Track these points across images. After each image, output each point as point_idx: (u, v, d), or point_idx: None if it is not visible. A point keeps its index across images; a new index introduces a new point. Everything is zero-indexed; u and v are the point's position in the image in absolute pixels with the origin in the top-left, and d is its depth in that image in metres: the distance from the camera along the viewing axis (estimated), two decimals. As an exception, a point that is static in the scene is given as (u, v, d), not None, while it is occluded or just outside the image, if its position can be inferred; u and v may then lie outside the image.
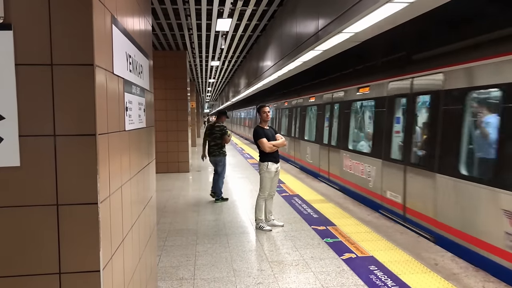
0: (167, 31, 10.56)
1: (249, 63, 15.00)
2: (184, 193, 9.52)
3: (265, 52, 11.29)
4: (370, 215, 7.21)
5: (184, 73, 13.08)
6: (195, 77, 22.80)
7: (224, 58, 15.70)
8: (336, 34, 5.32)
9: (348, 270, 4.64)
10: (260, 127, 6.40)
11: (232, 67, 18.65)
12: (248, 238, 5.92)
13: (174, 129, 12.86)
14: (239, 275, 4.55)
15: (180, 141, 12.94)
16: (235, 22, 9.72)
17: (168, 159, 12.82)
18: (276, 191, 8.93)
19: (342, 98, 10.11)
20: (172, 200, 8.60)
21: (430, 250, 5.38)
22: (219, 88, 33.46)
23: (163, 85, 12.77)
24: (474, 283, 4.34)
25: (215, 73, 21.01)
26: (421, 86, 6.59)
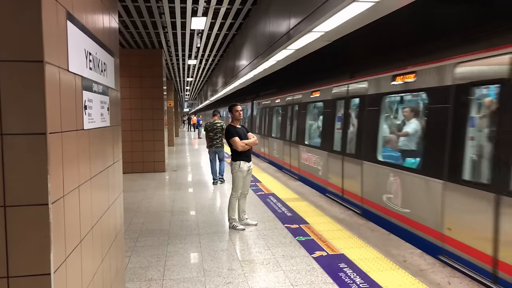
0: (142, 29, 10.42)
1: (226, 62, 14.96)
2: (159, 193, 9.42)
3: (241, 51, 11.27)
4: (343, 213, 7.27)
5: (160, 72, 12.95)
6: (173, 75, 22.61)
7: (201, 57, 15.60)
8: (306, 33, 5.34)
9: (318, 268, 4.66)
10: (232, 126, 6.38)
11: (209, 66, 18.56)
12: (220, 238, 5.89)
13: (149, 128, 12.72)
14: (209, 275, 4.52)
15: (156, 141, 12.81)
16: (210, 21, 9.66)
17: (143, 158, 12.68)
18: (251, 190, 9.00)
19: (300, 100, 11.68)
20: (145, 200, 8.50)
21: (400, 248, 5.46)
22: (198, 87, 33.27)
23: (138, 84, 12.63)
24: (440, 278, 4.42)
25: (193, 72, 20.87)
26: (354, 91, 8.04)
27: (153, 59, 12.92)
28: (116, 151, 3.77)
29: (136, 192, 9.42)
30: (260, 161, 15.68)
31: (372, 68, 7.32)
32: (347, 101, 8.32)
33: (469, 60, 4.82)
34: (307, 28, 5.13)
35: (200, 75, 22.66)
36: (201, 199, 8.59)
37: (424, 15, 7.05)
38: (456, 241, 4.85)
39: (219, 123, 10.02)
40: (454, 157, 4.99)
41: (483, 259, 4.41)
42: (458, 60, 4.98)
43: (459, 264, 4.74)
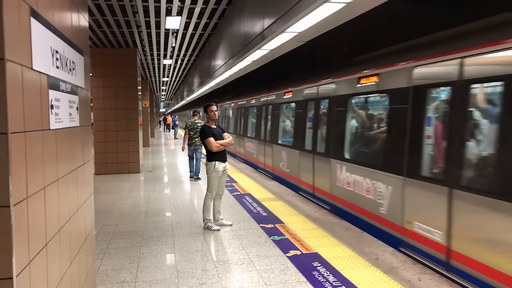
0: (115, 28, 10.26)
1: (202, 62, 14.89)
2: (133, 194, 9.29)
3: (216, 51, 11.23)
4: (317, 212, 7.33)
5: (134, 71, 12.78)
6: (148, 75, 22.35)
7: (176, 57, 15.47)
8: (280, 33, 5.36)
9: (292, 267, 4.69)
10: (207, 126, 6.35)
11: (185, 66, 18.42)
12: (195, 239, 5.85)
13: (124, 128, 12.54)
14: (182, 276, 4.48)
15: (131, 141, 12.63)
16: (185, 20, 9.59)
17: (118, 159, 12.49)
18: (227, 190, 8.97)
19: (274, 101, 11.95)
20: (119, 202, 8.37)
21: (372, 246, 5.54)
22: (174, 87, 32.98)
23: (112, 84, 12.44)
24: (411, 275, 4.51)
25: (169, 72, 20.68)
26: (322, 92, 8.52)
27: (127, 58, 12.74)
28: (86, 151, 3.69)
29: (109, 193, 9.27)
30: (237, 162, 15.66)
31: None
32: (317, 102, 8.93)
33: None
34: (281, 29, 5.16)
35: (176, 75, 22.48)
36: (176, 200, 8.52)
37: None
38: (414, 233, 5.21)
39: (199, 122, 10.57)
40: (302, 138, 7.45)
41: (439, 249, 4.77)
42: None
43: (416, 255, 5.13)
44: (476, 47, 4.44)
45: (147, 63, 17.46)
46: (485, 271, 4.06)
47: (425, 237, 4.99)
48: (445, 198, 4.66)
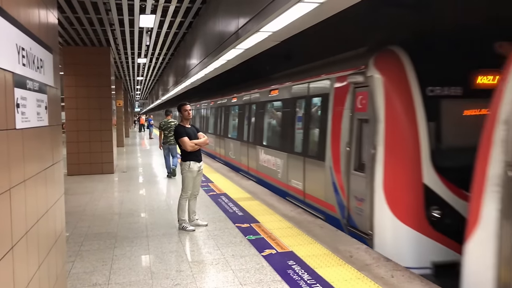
0: (87, 26, 10.05)
1: (177, 61, 14.76)
2: (106, 195, 9.13)
3: (191, 50, 11.15)
4: (293, 211, 7.36)
5: (108, 70, 12.57)
6: (122, 74, 22.01)
7: (151, 56, 15.28)
8: (254, 32, 5.36)
9: (267, 266, 4.70)
10: (181, 125, 6.29)
11: (160, 65, 18.21)
12: (170, 239, 5.79)
13: (97, 128, 12.31)
14: (156, 277, 4.43)
15: (104, 141, 12.41)
16: (159, 19, 9.47)
17: (90, 160, 12.25)
18: (203, 190, 8.92)
19: (225, 104, 14.14)
20: (92, 203, 8.21)
21: (346, 243, 5.60)
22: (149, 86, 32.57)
23: (84, 83, 12.20)
24: (384, 272, 4.58)
25: (143, 71, 20.41)
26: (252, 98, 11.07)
27: (101, 57, 12.51)
28: (56, 152, 3.60)
29: (82, 194, 9.09)
30: (213, 161, 15.59)
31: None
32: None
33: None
34: (255, 28, 5.15)
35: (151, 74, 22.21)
36: (151, 201, 8.41)
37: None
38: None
39: (173, 121, 11.25)
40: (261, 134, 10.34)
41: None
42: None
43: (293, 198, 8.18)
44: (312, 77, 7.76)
45: (121, 62, 17.19)
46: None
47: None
48: (301, 163, 8.00)
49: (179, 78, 14.65)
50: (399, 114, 5.42)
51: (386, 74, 5.56)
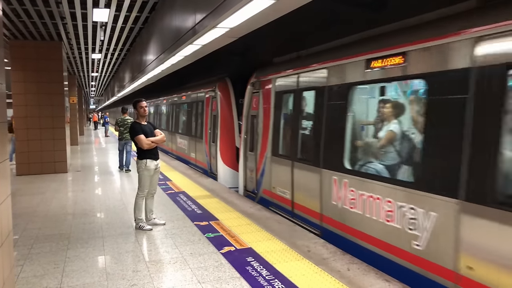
0: (36, 19, 9.60)
1: (133, 57, 14.41)
2: (59, 195, 8.79)
3: (147, 46, 10.91)
4: (252, 208, 7.38)
5: (59, 66, 12.08)
6: (76, 70, 21.24)
7: (106, 51, 14.83)
8: (211, 29, 5.30)
9: (226, 264, 4.68)
10: (137, 122, 6.15)
11: (116, 61, 17.71)
12: (126, 239, 5.66)
13: (49, 126, 11.82)
14: (112, 278, 4.31)
15: (57, 139, 11.95)
16: (114, 13, 9.19)
17: (42, 159, 11.75)
18: (160, 189, 8.78)
19: (176, 101, 16.01)
20: (44, 204, 7.88)
21: (304, 238, 5.67)
22: (104, 83, 31.63)
23: (34, 78, 11.68)
24: (340, 265, 4.68)
25: (98, 67, 19.79)
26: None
27: (52, 51, 12.00)
28: (2, 150, 3.42)
29: (32, 195, 8.71)
30: (171, 159, 15.37)
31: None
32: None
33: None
34: (212, 24, 5.10)
35: (106, 70, 21.57)
36: (106, 200, 8.18)
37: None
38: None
39: (129, 119, 11.82)
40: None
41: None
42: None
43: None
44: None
45: (74, 57, 16.58)
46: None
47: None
48: (194, 141, 12.32)
49: (135, 74, 14.32)
50: (226, 111, 10.47)
51: (221, 92, 10.64)
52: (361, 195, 5.06)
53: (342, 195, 5.42)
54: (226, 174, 10.29)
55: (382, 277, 4.34)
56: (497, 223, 3.32)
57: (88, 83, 30.52)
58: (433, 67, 4.04)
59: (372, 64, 4.93)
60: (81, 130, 28.70)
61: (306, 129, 6.65)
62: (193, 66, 10.26)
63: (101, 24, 10.40)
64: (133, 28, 11.10)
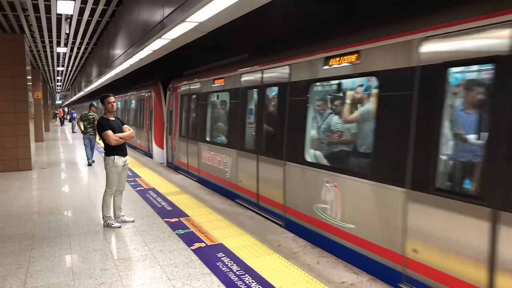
0: (-4, 10, 9.23)
1: (100, 51, 14.08)
2: (23, 193, 8.51)
3: (115, 40, 10.68)
4: (223, 203, 7.36)
5: (22, 59, 11.64)
6: (40, 64, 20.57)
7: (72, 45, 14.44)
8: (180, 23, 5.23)
9: (196, 260, 4.66)
10: (105, 118, 6.00)
11: (82, 55, 17.29)
12: (94, 238, 5.53)
13: (11, 122, 11.41)
14: (79, 278, 4.21)
15: (20, 136, 11.54)
16: (79, 5, 8.95)
17: (4, 156, 11.35)
18: (130, 186, 8.64)
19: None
20: (6, 203, 7.61)
21: (275, 233, 5.71)
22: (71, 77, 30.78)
23: (-5, 72, 11.21)
24: (310, 259, 4.73)
25: (64, 61, 19.23)
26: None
27: (13, 44, 11.54)
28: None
29: (-5, 194, 8.39)
30: (140, 155, 15.14)
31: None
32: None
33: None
34: (180, 18, 5.03)
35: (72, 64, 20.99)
36: (73, 198, 7.98)
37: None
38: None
39: (91, 115, 12.38)
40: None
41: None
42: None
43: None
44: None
45: (38, 51, 16.06)
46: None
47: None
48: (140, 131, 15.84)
49: (102, 68, 14.01)
50: (158, 107, 13.44)
51: (155, 92, 13.67)
52: (213, 156, 8.81)
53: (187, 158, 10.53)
54: (158, 153, 13.67)
55: (351, 270, 4.42)
56: (437, 209, 3.62)
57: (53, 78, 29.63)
58: (383, 65, 4.25)
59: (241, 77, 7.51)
60: (47, 126, 27.84)
61: (196, 119, 9.90)
62: (140, 72, 13.78)
63: (66, 17, 10.11)
64: (100, 21, 10.85)
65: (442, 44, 3.63)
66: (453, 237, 3.48)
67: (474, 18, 3.34)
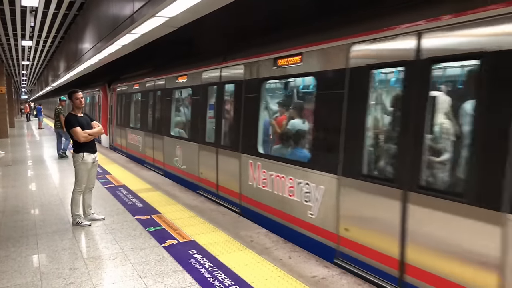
0: (-44, 1, 8.86)
1: (68, 45, 13.73)
2: (-13, 192, 8.22)
3: (83, 33, 10.43)
4: (195, 200, 7.33)
5: (-16, 53, 11.22)
6: (4, 58, 19.86)
7: (37, 38, 14.01)
8: (150, 17, 5.16)
9: (168, 257, 4.62)
10: (73, 114, 5.86)
11: (49, 48, 16.81)
12: (62, 236, 5.41)
13: (-27, 118, 10.98)
14: (46, 278, 4.11)
15: (-17, 132, 11.13)
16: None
17: (-34, 153, 10.90)
18: (99, 183, 8.48)
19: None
20: (-31, 202, 7.33)
21: (248, 229, 5.73)
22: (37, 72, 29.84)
23: (-45, 66, 10.76)
24: (282, 254, 4.78)
25: (29, 54, 18.62)
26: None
27: (-25, 37, 11.12)
28: None
29: (-44, 193, 8.07)
30: (110, 152, 14.87)
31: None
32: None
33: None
34: (151, 12, 4.95)
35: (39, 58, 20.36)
36: (40, 196, 7.76)
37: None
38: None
39: (57, 108, 12.76)
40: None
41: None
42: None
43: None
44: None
45: (2, 44, 15.51)
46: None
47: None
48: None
49: (71, 63, 13.66)
50: (104, 103, 16.43)
51: (102, 91, 16.52)
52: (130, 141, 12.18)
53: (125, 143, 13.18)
54: (105, 140, 16.47)
55: (322, 264, 4.50)
56: (361, 192, 4.18)
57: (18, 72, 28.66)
58: (321, 66, 4.76)
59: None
60: (12, 122, 26.92)
61: (127, 111, 12.92)
62: (96, 72, 16.66)
63: (31, 9, 9.79)
64: (67, 14, 10.57)
65: (366, 49, 4.13)
66: (375, 216, 4.03)
67: (390, 27, 3.87)
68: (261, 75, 5.88)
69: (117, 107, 14.31)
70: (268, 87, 6.24)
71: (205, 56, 8.11)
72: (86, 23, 9.89)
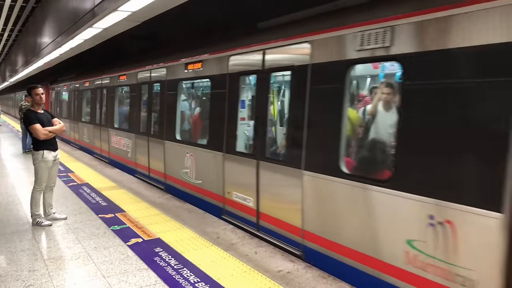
0: None
1: (26, 39, 13.23)
2: None
3: (42, 27, 10.06)
4: (161, 198, 7.25)
5: None
6: (-43, 51, 18.94)
7: (-7, 31, 13.42)
8: (112, 11, 5.04)
9: (132, 256, 4.56)
10: (32, 111, 5.66)
11: (6, 42, 16.14)
12: (21, 237, 5.22)
13: None
14: (4, 281, 3.97)
15: None
16: (1, -11, 8.33)
17: None
18: (62, 181, 8.24)
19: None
20: None
21: (214, 225, 5.72)
22: (-7, 67, 28.58)
23: None
24: (248, 249, 4.80)
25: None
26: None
27: None
28: None
29: None
30: (74, 149, 14.46)
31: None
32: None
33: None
34: (112, 6, 4.84)
35: (-5, 53, 19.54)
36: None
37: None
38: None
39: (24, 104, 12.44)
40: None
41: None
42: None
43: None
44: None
45: (-45, 37, 14.77)
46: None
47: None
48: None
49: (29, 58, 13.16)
50: (47, 100, 15.07)
51: (46, 90, 11.57)
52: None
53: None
54: None
55: (287, 258, 4.55)
56: (235, 163, 5.75)
57: (-27, 67, 27.35)
58: (213, 71, 6.31)
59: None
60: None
61: (70, 106, 14.56)
62: (44, 72, 18.52)
63: (-14, 1, 9.37)
64: (24, 6, 10.19)
65: (237, 60, 5.75)
66: (243, 179, 5.57)
67: (249, 45, 5.43)
68: (177, 77, 7.42)
69: (55, 103, 17.93)
70: (185, 86, 7.89)
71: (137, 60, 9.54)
72: (45, 16, 9.55)
